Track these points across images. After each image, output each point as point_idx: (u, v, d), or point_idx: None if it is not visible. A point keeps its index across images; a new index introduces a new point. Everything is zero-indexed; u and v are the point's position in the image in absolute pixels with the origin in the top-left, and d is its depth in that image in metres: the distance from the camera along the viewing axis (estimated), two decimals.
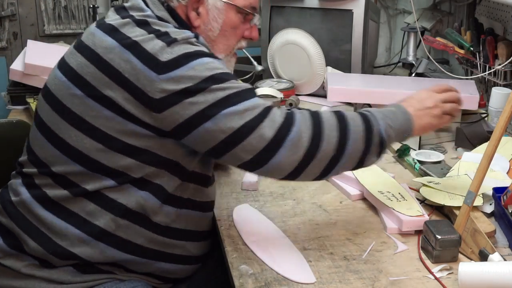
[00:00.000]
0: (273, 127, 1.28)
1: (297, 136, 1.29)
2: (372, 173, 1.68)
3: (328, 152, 1.31)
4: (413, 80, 2.29)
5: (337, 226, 1.50)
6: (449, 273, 1.31)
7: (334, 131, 1.32)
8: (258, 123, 1.28)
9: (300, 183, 1.72)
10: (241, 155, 1.29)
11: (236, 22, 1.46)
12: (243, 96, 1.30)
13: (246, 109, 1.28)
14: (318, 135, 1.31)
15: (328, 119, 1.34)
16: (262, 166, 1.30)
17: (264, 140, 1.28)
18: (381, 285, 1.27)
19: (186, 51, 1.30)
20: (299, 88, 2.46)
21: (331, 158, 1.32)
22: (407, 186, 1.64)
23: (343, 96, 2.13)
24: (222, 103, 1.28)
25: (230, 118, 1.27)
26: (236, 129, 1.27)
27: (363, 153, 1.35)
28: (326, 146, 1.31)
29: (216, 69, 1.30)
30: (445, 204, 1.51)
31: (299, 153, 1.29)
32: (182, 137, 1.31)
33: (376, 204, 1.56)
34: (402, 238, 1.45)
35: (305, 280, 1.29)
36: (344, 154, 1.33)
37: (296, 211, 1.57)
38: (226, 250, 1.41)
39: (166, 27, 1.34)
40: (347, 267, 1.33)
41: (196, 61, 1.29)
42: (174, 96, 1.27)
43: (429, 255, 1.36)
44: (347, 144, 1.32)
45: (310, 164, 1.31)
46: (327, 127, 1.32)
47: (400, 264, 1.35)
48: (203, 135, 1.29)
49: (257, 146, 1.28)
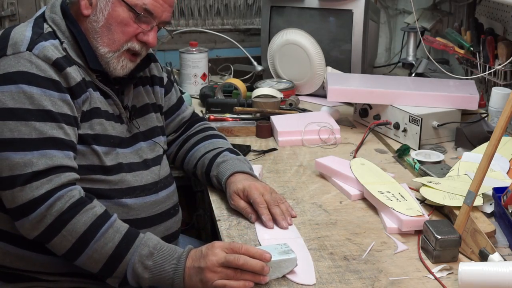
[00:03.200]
0: (23, 197, 1.30)
1: (36, 219, 1.30)
2: (372, 173, 1.67)
3: (59, 249, 1.33)
4: (413, 80, 2.29)
5: (337, 226, 1.50)
6: (449, 273, 1.31)
7: (74, 238, 1.31)
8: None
9: (300, 184, 1.73)
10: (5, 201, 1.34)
11: (125, 19, 1.45)
12: (26, 144, 1.32)
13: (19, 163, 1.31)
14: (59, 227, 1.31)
15: (82, 224, 1.31)
16: (16, 221, 1.33)
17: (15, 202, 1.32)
18: (381, 285, 1.27)
19: (6, 70, 1.34)
20: (299, 88, 2.46)
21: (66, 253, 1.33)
22: (407, 186, 1.64)
23: (343, 96, 2.13)
24: (3, 143, 1.31)
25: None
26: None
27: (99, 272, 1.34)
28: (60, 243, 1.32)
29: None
30: (445, 204, 1.51)
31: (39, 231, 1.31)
32: None
33: (376, 204, 1.56)
34: (402, 238, 1.44)
35: (306, 281, 1.28)
36: (77, 260, 1.33)
37: (296, 211, 1.57)
38: None
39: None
40: (347, 267, 1.33)
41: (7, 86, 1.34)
42: None
43: (429, 255, 1.36)
44: (80, 257, 1.32)
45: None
46: (70, 229, 1.31)
47: (400, 264, 1.35)
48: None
49: (15, 202, 1.31)
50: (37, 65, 1.36)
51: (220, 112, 2.20)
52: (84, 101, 1.43)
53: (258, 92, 2.26)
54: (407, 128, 1.97)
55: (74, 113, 1.40)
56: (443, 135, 2.00)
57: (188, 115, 1.81)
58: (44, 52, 1.38)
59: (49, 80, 1.37)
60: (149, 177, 1.54)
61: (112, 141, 1.47)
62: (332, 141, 2.00)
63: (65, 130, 1.36)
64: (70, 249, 1.31)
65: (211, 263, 1.27)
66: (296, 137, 2.00)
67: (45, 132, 1.34)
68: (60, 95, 1.37)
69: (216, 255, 1.27)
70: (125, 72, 1.50)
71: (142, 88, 1.62)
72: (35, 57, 1.37)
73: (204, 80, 2.54)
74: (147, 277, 1.30)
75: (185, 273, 1.29)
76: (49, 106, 1.35)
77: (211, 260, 1.27)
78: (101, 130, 1.45)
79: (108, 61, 1.46)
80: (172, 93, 1.76)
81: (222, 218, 1.55)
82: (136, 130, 1.56)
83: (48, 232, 1.31)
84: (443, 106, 2.01)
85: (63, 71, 1.39)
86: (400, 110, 2.00)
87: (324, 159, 1.77)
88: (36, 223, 1.30)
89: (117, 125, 1.50)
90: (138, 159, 1.54)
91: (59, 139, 1.35)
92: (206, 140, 1.75)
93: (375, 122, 2.07)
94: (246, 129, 2.08)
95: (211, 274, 1.26)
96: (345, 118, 2.22)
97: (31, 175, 1.30)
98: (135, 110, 1.58)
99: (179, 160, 1.78)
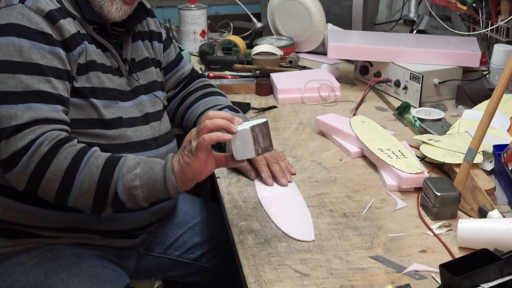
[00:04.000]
0: (8, 150, 1.29)
1: (21, 170, 1.30)
2: (372, 130, 1.67)
3: (49, 193, 1.32)
4: (414, 37, 2.27)
5: (336, 183, 1.51)
6: (448, 229, 1.31)
7: (59, 176, 1.30)
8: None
9: (300, 141, 1.73)
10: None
11: None
12: (12, 97, 1.31)
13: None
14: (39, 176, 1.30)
15: (63, 161, 1.30)
16: (6, 173, 1.33)
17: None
18: (380, 242, 1.28)
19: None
20: (299, 46, 2.44)
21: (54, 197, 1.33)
22: (407, 143, 1.64)
23: (344, 53, 2.12)
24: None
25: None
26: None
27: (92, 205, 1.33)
28: (45, 188, 1.31)
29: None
30: (445, 161, 1.51)
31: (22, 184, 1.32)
32: None
33: (376, 162, 1.56)
34: (402, 195, 1.45)
35: (304, 237, 1.29)
36: (69, 199, 1.32)
37: (296, 168, 1.57)
38: (225, 207, 1.41)
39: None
40: (346, 224, 1.34)
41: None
42: None
43: (429, 212, 1.36)
44: (71, 194, 1.31)
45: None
46: (53, 169, 1.30)
47: (399, 221, 1.35)
48: None
49: (2, 155, 1.30)
50: (28, 18, 1.35)
51: (220, 70, 2.18)
52: (80, 53, 1.41)
53: (258, 49, 2.24)
54: (408, 86, 1.96)
55: (65, 66, 1.38)
56: (444, 92, 1.99)
57: (187, 71, 1.80)
58: (37, 4, 1.36)
59: (40, 33, 1.35)
60: (149, 133, 1.53)
61: (111, 94, 1.46)
62: (332, 98, 1.99)
63: (53, 84, 1.35)
64: (58, 189, 1.31)
65: (187, 139, 1.28)
66: (296, 94, 1.99)
67: (31, 85, 1.33)
68: (50, 48, 1.36)
69: (189, 134, 1.28)
70: (121, 16, 1.47)
71: (141, 43, 1.61)
72: (27, 9, 1.35)
73: (203, 37, 2.52)
74: (138, 184, 1.29)
75: (174, 165, 1.29)
76: (38, 59, 1.34)
77: (186, 140, 1.28)
78: (98, 83, 1.44)
79: (101, 5, 1.44)
80: (171, 49, 1.75)
81: (222, 176, 1.55)
82: (137, 84, 1.55)
83: (34, 179, 1.30)
84: (444, 63, 2.00)
85: (56, 23, 1.37)
86: (401, 67, 1.99)
87: (324, 116, 1.77)
88: (21, 173, 1.30)
89: (115, 78, 1.49)
90: (138, 113, 1.53)
91: (45, 92, 1.34)
92: (206, 97, 1.74)
93: (376, 79, 2.06)
94: (246, 87, 2.07)
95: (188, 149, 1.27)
96: (345, 75, 2.21)
97: (15, 128, 1.29)
98: (134, 63, 1.56)
99: (179, 118, 1.77)
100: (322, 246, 1.27)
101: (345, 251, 1.25)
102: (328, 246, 1.26)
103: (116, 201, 1.31)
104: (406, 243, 1.27)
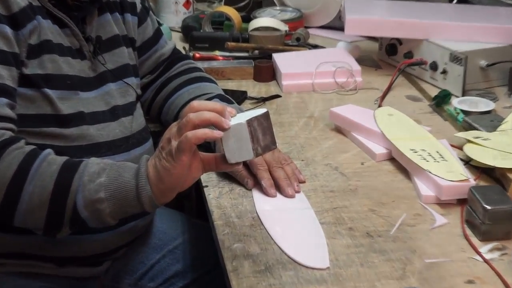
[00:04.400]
0: None
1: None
2: (402, 126, 1.67)
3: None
4: (455, 8, 2.31)
5: (357, 194, 1.50)
6: (502, 253, 1.30)
7: (2, 187, 1.28)
8: None
9: (310, 140, 1.73)
10: None
11: None
12: None
13: None
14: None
15: (7, 168, 1.28)
16: None
17: None
18: (414, 269, 1.26)
19: None
20: (309, 19, 2.48)
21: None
22: (447, 142, 1.64)
23: (365, 28, 2.15)
24: None
25: None
26: None
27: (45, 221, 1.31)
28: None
29: None
30: (496, 165, 1.51)
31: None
32: None
33: (408, 166, 1.56)
34: (441, 209, 1.44)
35: (317, 264, 1.27)
36: (15, 217, 1.30)
37: (306, 175, 1.56)
38: (215, 225, 1.40)
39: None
40: (370, 246, 1.32)
41: None
42: None
43: (476, 231, 1.35)
44: (17, 210, 1.29)
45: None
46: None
47: (438, 242, 1.34)
48: None
49: None
50: None
51: (208, 49, 2.20)
52: (32, 31, 1.40)
53: (257, 24, 2.26)
54: (448, 69, 1.97)
55: (12, 48, 1.37)
56: (493, 77, 2.01)
57: (167, 52, 1.81)
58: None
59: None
60: (118, 131, 1.53)
61: (69, 82, 1.46)
62: (351, 85, 2.00)
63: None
64: (2, 204, 1.28)
65: (165, 137, 1.24)
66: (305, 80, 2.01)
67: None
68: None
69: (168, 130, 1.25)
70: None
71: (110, 16, 1.61)
72: None
73: (187, 8, 2.54)
74: (103, 196, 1.27)
75: (149, 171, 1.26)
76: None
77: (165, 138, 1.24)
78: (54, 69, 1.43)
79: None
80: (148, 24, 1.75)
81: (210, 184, 1.54)
82: (103, 68, 1.55)
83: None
84: (493, 40, 2.02)
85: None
86: (438, 46, 2.00)
87: (341, 108, 1.77)
88: None
89: (75, 62, 1.48)
90: (104, 106, 1.52)
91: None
92: (191, 83, 1.74)
93: (406, 61, 2.07)
94: (241, 71, 2.08)
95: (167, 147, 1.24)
96: (367, 56, 2.23)
97: None
98: (100, 42, 1.56)
99: (156, 109, 1.77)
100: (340, 275, 1.25)
101: (369, 282, 1.23)
102: (347, 276, 1.25)
103: (75, 218, 1.29)
104: (448, 272, 1.26)
